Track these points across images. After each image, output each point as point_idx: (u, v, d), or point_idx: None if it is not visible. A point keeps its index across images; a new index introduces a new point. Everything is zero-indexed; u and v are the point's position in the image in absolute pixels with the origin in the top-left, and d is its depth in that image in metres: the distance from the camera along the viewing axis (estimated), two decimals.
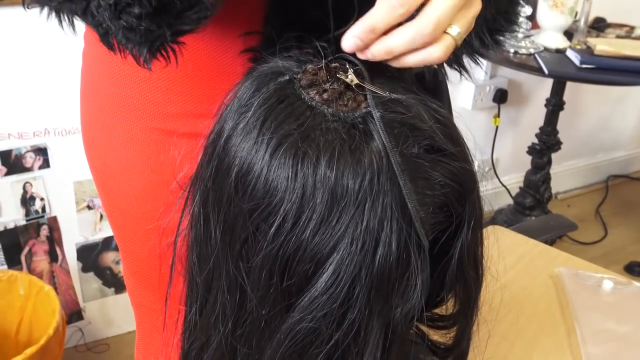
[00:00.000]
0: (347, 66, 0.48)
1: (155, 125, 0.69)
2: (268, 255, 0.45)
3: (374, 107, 0.45)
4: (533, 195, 2.32)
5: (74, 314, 1.79)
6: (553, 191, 2.45)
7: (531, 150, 2.30)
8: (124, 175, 0.73)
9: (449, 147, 0.45)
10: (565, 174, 2.75)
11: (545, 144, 2.27)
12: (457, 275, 0.49)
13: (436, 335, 0.56)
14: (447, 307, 0.53)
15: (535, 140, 2.29)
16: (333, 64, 0.49)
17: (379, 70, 0.49)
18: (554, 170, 2.39)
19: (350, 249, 0.43)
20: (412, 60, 0.48)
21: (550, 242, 2.26)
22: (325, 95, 0.46)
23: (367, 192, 0.43)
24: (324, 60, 0.49)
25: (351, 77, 0.47)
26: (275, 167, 0.44)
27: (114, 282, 1.82)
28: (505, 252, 1.08)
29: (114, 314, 1.84)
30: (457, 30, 0.48)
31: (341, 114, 0.45)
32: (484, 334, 0.86)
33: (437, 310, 0.54)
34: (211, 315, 0.50)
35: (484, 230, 1.17)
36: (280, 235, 0.44)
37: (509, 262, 1.06)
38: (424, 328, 0.56)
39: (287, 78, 0.48)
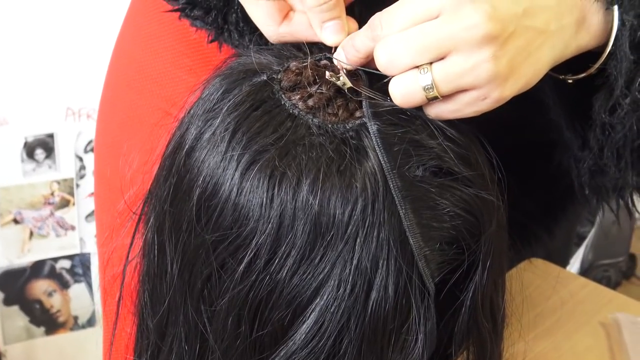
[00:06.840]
0: (339, 65, 0.50)
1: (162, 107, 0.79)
2: (236, 298, 0.47)
3: (369, 118, 0.47)
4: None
5: None
6: None
7: None
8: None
9: (461, 170, 0.48)
10: None
11: None
12: (469, 327, 0.51)
13: None
14: None
15: None
16: (322, 62, 0.51)
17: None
18: None
19: (336, 293, 0.45)
20: None
21: (614, 284, 2.25)
22: (310, 102, 0.49)
23: (359, 224, 0.45)
24: (309, 57, 0.51)
25: (343, 80, 0.49)
26: (246, 191, 0.46)
27: (44, 320, 1.83)
28: (547, 291, 1.10)
29: None
30: (430, 79, 0.46)
31: (329, 126, 0.48)
32: None
33: None
34: None
35: (523, 263, 1.17)
36: (251, 274, 0.47)
37: (550, 305, 1.08)
38: None
39: (265, 78, 0.50)
